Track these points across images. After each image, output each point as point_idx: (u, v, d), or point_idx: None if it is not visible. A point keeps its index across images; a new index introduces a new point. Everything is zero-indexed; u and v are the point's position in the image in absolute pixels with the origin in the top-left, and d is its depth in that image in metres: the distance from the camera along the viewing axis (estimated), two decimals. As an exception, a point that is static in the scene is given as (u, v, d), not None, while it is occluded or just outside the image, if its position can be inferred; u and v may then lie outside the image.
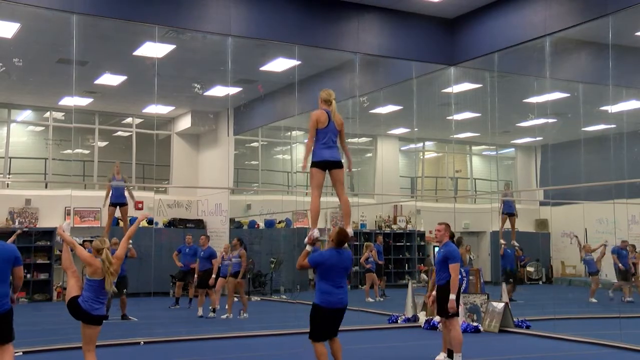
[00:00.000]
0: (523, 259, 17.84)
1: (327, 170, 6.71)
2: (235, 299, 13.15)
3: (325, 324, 6.52)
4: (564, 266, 21.18)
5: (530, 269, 19.42)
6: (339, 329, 6.76)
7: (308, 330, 6.62)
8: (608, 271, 15.68)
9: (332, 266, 6.49)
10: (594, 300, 15.02)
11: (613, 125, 14.26)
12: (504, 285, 12.13)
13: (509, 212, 15.12)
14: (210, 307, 13.20)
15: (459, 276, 8.03)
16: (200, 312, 13.14)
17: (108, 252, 6.36)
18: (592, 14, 10.19)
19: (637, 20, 11.33)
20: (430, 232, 19.41)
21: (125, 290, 12.32)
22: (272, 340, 10.35)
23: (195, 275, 13.71)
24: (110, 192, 12.61)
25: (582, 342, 9.78)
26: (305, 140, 7.35)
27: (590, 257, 15.45)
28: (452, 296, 7.87)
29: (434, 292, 8.39)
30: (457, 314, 8.09)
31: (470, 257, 15.23)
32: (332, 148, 6.67)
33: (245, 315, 13.01)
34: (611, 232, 14.80)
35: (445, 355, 8.33)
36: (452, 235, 8.31)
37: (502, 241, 15.19)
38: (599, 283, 15.44)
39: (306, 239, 6.69)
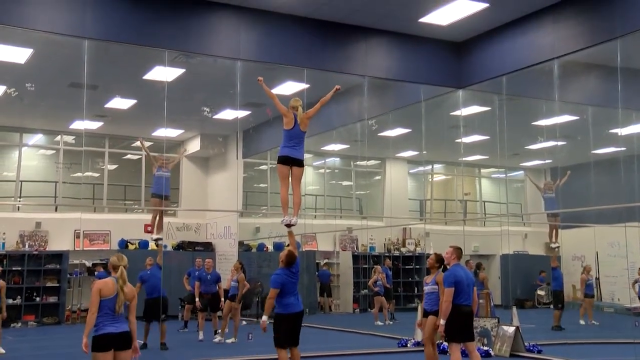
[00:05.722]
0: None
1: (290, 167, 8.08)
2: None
3: (288, 329, 7.45)
4: (574, 290, 20.92)
5: (541, 292, 19.24)
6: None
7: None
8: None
9: (289, 283, 7.56)
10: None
11: (623, 148, 14.19)
12: (514, 309, 11.98)
13: (550, 209, 14.82)
14: (218, 331, 13.12)
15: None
16: (201, 335, 12.95)
17: (124, 270, 5.91)
18: (600, 37, 10.19)
19: (646, 43, 11.31)
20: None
21: (164, 316, 11.83)
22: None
23: (197, 299, 13.31)
24: (153, 183, 12.40)
25: (595, 368, 9.64)
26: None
27: None
28: (441, 321, 7.80)
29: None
30: (455, 340, 7.82)
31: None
32: (294, 148, 8.14)
33: (233, 339, 12.76)
34: (623, 255, 14.63)
35: None
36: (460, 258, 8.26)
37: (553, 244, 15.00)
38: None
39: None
